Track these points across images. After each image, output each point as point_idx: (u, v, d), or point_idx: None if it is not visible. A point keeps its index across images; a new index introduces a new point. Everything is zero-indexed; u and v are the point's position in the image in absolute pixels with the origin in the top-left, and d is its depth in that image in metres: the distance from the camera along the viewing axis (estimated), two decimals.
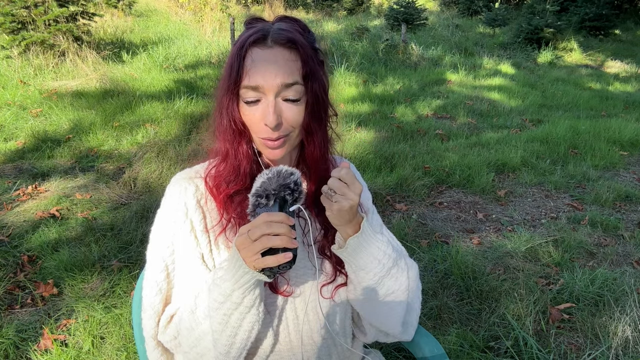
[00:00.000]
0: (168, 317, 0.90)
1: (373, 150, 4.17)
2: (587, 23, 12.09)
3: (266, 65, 0.80)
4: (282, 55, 0.80)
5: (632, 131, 4.86)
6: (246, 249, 0.74)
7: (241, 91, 0.82)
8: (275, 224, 0.72)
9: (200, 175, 0.93)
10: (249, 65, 0.80)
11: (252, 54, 0.81)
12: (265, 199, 0.76)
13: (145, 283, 0.92)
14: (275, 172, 0.78)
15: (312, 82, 0.83)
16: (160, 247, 0.90)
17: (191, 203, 0.89)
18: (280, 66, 0.80)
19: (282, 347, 0.91)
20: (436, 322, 2.13)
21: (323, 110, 0.88)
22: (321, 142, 0.89)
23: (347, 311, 0.98)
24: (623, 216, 3.27)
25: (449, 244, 2.78)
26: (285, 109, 0.82)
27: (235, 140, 0.87)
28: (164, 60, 7.07)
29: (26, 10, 6.38)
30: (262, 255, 0.73)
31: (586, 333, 2.06)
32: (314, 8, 13.96)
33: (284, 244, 0.72)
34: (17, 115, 4.75)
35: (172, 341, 0.89)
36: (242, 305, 0.79)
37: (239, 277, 0.76)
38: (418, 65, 8.17)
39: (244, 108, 0.83)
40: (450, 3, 15.57)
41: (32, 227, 2.82)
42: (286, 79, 0.80)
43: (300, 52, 0.81)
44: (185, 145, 3.92)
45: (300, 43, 0.82)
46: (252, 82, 0.80)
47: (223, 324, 0.80)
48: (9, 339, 1.94)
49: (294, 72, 0.81)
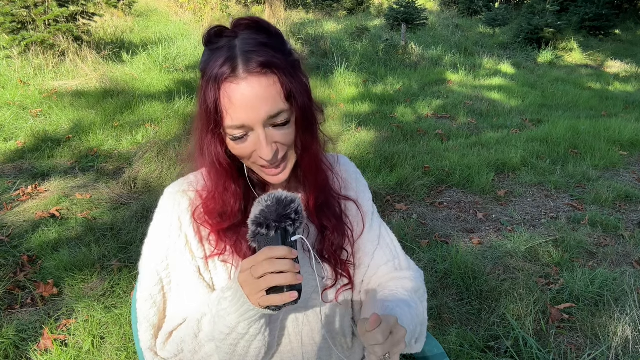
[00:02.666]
0: (167, 334, 0.88)
1: (373, 150, 4.17)
2: (587, 23, 12.09)
3: (246, 100, 0.74)
4: (259, 83, 0.74)
5: (632, 131, 4.86)
6: (250, 286, 0.72)
7: (227, 131, 0.77)
8: (278, 261, 0.70)
9: (193, 187, 0.91)
10: (227, 105, 0.74)
11: (227, 92, 0.74)
12: (266, 229, 0.73)
13: (139, 296, 0.90)
14: (275, 200, 0.74)
15: (296, 98, 0.78)
16: (155, 260, 0.89)
17: (185, 217, 0.88)
18: (260, 98, 0.74)
19: (283, 349, 0.92)
20: (436, 322, 2.13)
21: (312, 118, 0.84)
22: (316, 151, 0.87)
23: (347, 311, 0.98)
24: (623, 216, 3.26)
25: (449, 244, 2.78)
26: (276, 135, 0.78)
27: (220, 179, 0.84)
28: (164, 60, 7.07)
29: (26, 10, 6.38)
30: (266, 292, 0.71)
31: (586, 333, 2.06)
32: (314, 8, 13.95)
33: (289, 281, 0.69)
34: (17, 115, 4.75)
35: (173, 358, 0.88)
36: (248, 334, 0.78)
37: (244, 312, 0.75)
38: (418, 65, 8.17)
39: (232, 144, 0.79)
40: (450, 3, 15.56)
41: (32, 227, 2.82)
42: (271, 110, 0.75)
43: (276, 73, 0.75)
44: (185, 145, 3.92)
45: (273, 63, 0.74)
46: (235, 122, 0.75)
47: (230, 353, 0.80)
48: (9, 339, 1.94)
49: (275, 98, 0.75)
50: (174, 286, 0.89)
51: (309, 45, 8.20)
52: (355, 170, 1.06)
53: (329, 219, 0.93)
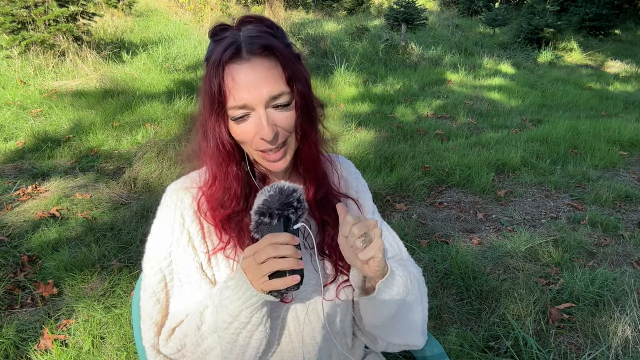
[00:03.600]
0: (169, 330, 0.89)
1: (373, 150, 4.17)
2: (587, 23, 12.09)
3: (248, 80, 0.77)
4: (262, 65, 0.78)
5: (632, 131, 4.86)
6: (253, 272, 0.74)
7: (229, 112, 0.80)
8: (281, 246, 0.72)
9: (196, 184, 0.92)
10: (231, 84, 0.78)
11: (230, 72, 0.78)
12: (269, 218, 0.75)
13: (143, 294, 0.91)
14: (278, 190, 0.76)
15: (297, 83, 0.81)
16: (158, 257, 0.89)
17: (188, 214, 0.88)
18: (262, 77, 0.77)
19: (284, 348, 0.92)
20: (436, 322, 2.13)
21: (312, 107, 0.86)
22: (315, 140, 0.89)
23: (348, 311, 0.98)
24: (623, 216, 3.26)
25: (449, 244, 2.78)
26: (277, 117, 0.80)
27: (223, 162, 0.85)
28: (164, 60, 7.07)
29: (26, 10, 6.38)
30: (269, 277, 0.73)
31: (586, 333, 2.06)
32: (314, 8, 13.95)
33: (291, 266, 0.71)
34: (17, 115, 4.75)
35: (175, 354, 0.89)
36: (250, 324, 0.79)
37: (247, 298, 0.76)
38: (418, 65, 8.17)
39: (234, 126, 0.81)
40: (450, 3, 15.56)
41: (32, 227, 2.82)
42: (272, 90, 0.78)
43: (277, 56, 0.79)
44: (185, 145, 3.92)
45: (275, 47, 0.79)
46: (238, 102, 0.78)
47: (232, 343, 0.80)
48: (9, 339, 1.94)
49: (277, 79, 0.79)
50: (177, 283, 0.90)
51: (309, 45, 8.20)
52: (355, 170, 1.07)
53: (329, 214, 0.93)
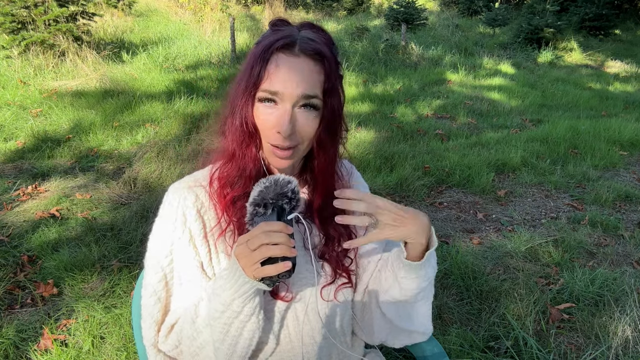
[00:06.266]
0: (169, 327, 0.89)
1: (373, 150, 4.17)
2: (587, 23, 12.09)
3: (290, 73, 0.79)
4: (308, 65, 0.80)
5: (632, 131, 4.86)
6: (245, 258, 0.74)
7: (259, 93, 0.81)
8: (274, 233, 0.72)
9: (200, 183, 0.92)
10: (273, 69, 0.79)
11: (277, 59, 0.79)
12: (263, 208, 0.76)
13: (144, 292, 0.91)
14: (273, 181, 0.78)
15: (332, 97, 0.83)
16: (159, 256, 0.89)
17: (190, 212, 0.88)
18: (304, 76, 0.79)
19: (283, 348, 0.92)
20: (436, 322, 2.13)
21: (338, 125, 0.87)
22: (333, 157, 0.89)
23: (347, 311, 0.99)
24: (623, 216, 3.26)
25: (449, 244, 2.78)
26: (300, 118, 0.81)
27: (244, 141, 0.86)
28: (164, 60, 7.07)
29: (26, 10, 6.38)
30: (261, 265, 0.73)
31: (586, 333, 2.06)
32: (314, 8, 13.95)
33: (283, 253, 0.72)
34: (17, 115, 4.75)
35: (173, 350, 0.89)
36: (242, 314, 0.79)
37: (239, 286, 0.76)
38: (418, 65, 8.17)
39: (259, 110, 0.82)
40: (450, 3, 15.57)
41: (32, 227, 2.82)
42: (308, 91, 0.79)
43: (325, 65, 0.81)
44: (185, 145, 3.92)
45: (327, 56, 0.81)
46: (272, 87, 0.79)
47: (224, 333, 0.80)
48: (9, 339, 1.94)
49: (316, 84, 0.80)
50: (177, 282, 0.90)
51: None
52: (362, 181, 1.09)
53: (335, 229, 0.94)
